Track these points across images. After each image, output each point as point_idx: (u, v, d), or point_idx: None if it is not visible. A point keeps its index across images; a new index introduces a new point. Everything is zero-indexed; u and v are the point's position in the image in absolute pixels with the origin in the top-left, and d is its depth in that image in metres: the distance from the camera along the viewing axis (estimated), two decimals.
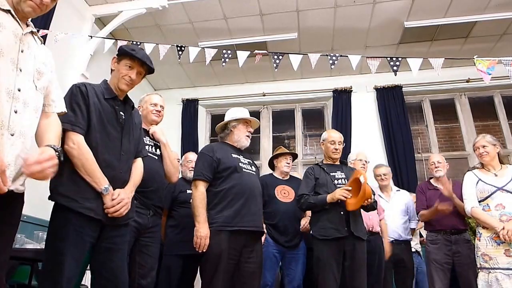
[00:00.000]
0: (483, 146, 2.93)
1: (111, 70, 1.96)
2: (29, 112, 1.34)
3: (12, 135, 1.25)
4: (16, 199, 1.35)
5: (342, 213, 2.73)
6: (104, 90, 1.88)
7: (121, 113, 1.90)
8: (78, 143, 1.70)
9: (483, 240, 2.76)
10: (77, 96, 1.77)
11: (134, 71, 1.90)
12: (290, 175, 3.60)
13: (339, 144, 3.00)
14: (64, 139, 1.67)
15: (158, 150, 2.62)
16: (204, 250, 2.30)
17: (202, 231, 2.34)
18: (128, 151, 1.91)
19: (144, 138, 2.35)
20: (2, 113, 1.23)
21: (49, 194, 1.72)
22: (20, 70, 1.31)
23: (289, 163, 3.52)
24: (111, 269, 1.71)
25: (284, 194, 3.38)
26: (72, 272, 1.62)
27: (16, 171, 1.29)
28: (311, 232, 2.95)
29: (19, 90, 1.28)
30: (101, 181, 1.70)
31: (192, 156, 3.51)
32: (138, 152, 2.05)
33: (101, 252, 1.73)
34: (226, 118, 2.79)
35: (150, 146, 2.55)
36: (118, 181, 1.80)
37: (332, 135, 3.05)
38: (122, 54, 1.91)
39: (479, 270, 2.74)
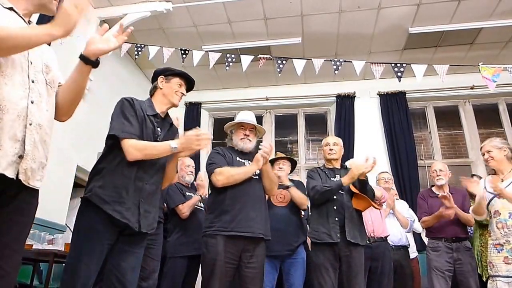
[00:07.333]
0: (488, 152, 2.83)
1: (154, 88, 2.11)
2: (45, 104, 1.37)
3: (30, 124, 1.28)
4: (33, 197, 1.35)
5: (336, 219, 2.72)
6: (147, 107, 2.00)
7: (158, 129, 2.00)
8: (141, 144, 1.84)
9: (488, 248, 2.74)
10: (128, 108, 1.91)
11: (183, 87, 2.16)
12: (289, 179, 3.56)
13: (334, 145, 3.01)
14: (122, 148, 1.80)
15: None
16: None
17: None
18: (157, 164, 1.95)
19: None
20: (20, 103, 1.26)
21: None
22: (31, 63, 1.34)
23: (282, 168, 3.47)
24: (123, 269, 1.75)
25: (280, 198, 3.35)
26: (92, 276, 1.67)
27: (33, 160, 1.29)
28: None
29: (32, 82, 1.32)
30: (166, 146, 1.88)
31: (189, 161, 3.52)
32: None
33: (117, 253, 1.77)
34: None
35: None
36: (144, 192, 1.85)
37: (326, 139, 3.13)
38: (172, 74, 2.12)
39: (490, 279, 2.71)
